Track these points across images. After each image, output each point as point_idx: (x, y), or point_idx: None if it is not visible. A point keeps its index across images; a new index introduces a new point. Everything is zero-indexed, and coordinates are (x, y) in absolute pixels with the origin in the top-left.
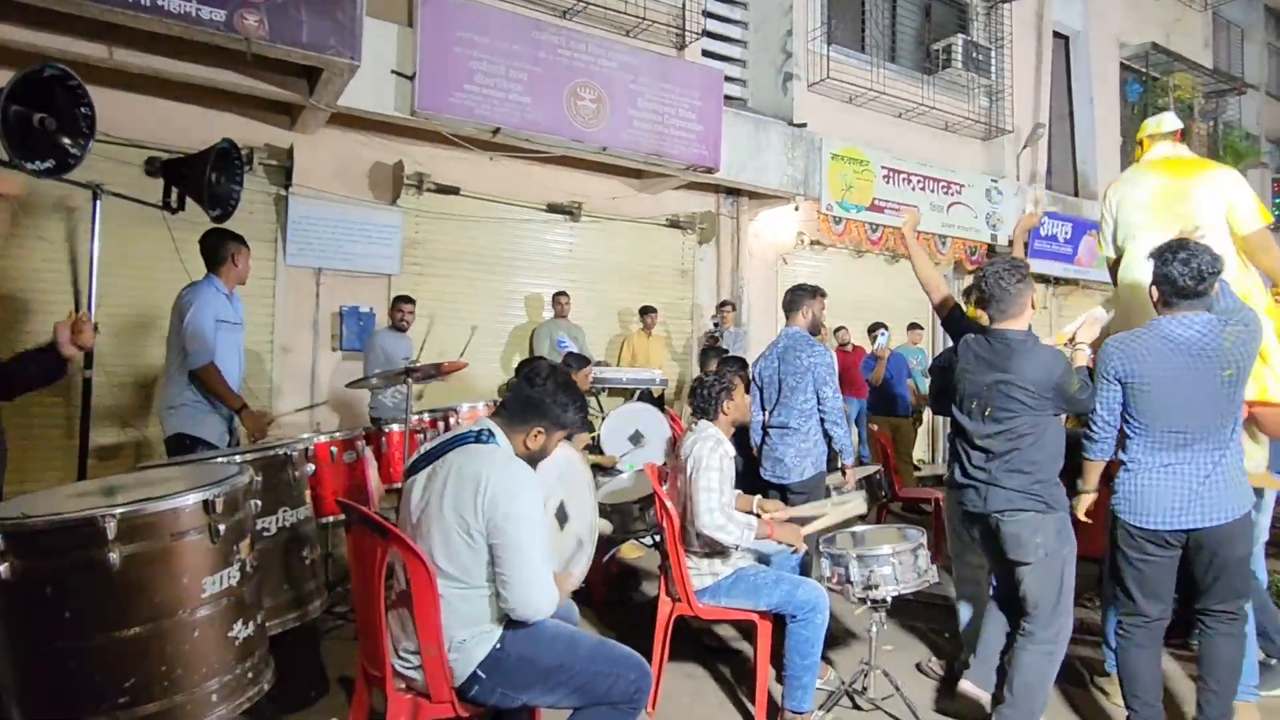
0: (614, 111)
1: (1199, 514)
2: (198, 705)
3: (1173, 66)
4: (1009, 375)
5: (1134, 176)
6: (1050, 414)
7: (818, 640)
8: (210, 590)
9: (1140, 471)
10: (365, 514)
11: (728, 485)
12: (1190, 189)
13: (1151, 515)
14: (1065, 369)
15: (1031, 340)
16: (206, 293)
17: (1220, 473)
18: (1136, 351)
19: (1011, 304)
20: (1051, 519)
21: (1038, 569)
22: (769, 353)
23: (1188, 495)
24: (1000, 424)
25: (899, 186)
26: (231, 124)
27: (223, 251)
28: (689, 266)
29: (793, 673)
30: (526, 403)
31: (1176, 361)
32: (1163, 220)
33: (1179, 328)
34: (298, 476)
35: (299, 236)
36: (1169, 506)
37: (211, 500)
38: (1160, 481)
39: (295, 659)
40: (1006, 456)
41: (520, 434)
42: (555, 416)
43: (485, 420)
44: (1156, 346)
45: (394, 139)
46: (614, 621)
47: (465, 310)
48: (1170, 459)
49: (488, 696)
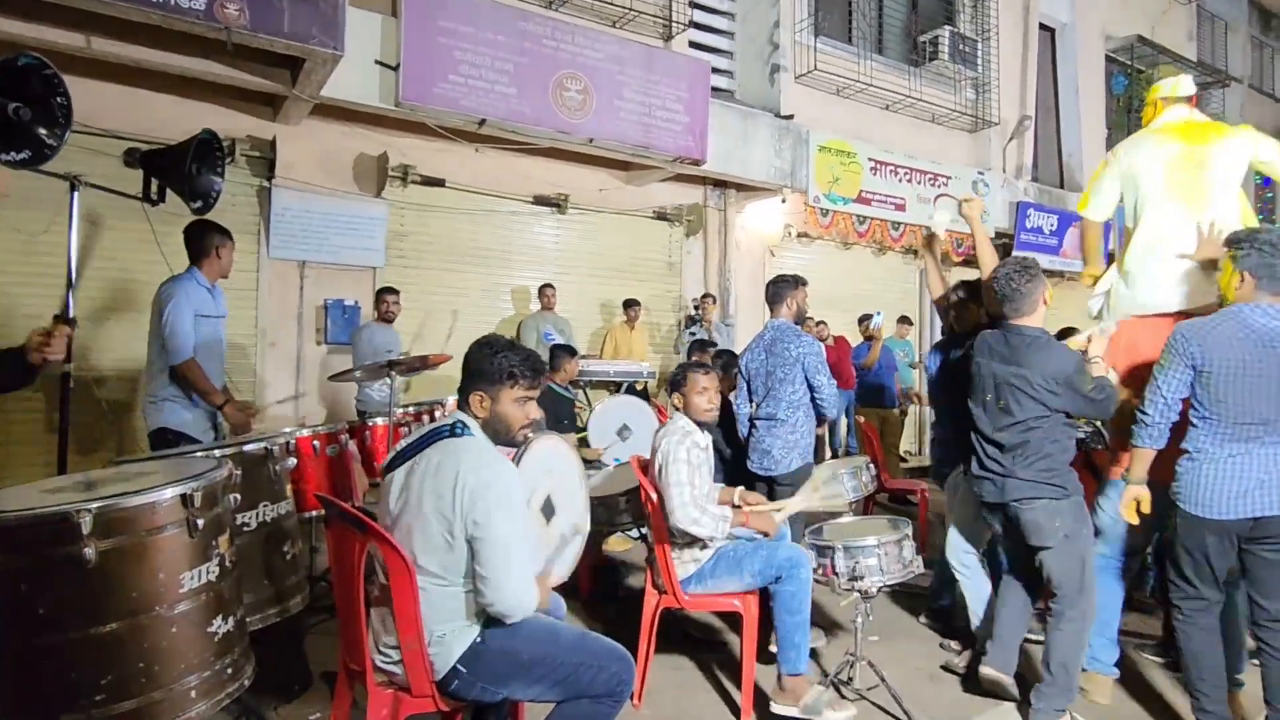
0: (600, 103)
1: (1264, 503)
2: (176, 702)
3: (1157, 59)
4: (1022, 369)
5: (1149, 141)
6: (1059, 410)
7: (805, 595)
8: (188, 585)
9: (1205, 461)
10: (344, 509)
11: (699, 476)
12: (1209, 156)
13: (1216, 506)
14: (1078, 366)
15: (1045, 336)
16: (186, 287)
17: None
18: (1216, 338)
19: (1024, 302)
20: (1067, 503)
21: (1059, 552)
22: (755, 345)
23: (1253, 483)
24: (1013, 416)
25: (886, 179)
26: (213, 115)
27: (206, 244)
28: (676, 259)
29: (784, 632)
30: (463, 377)
31: (1255, 351)
32: (1180, 189)
33: (1263, 317)
34: (279, 471)
35: (282, 229)
36: (1233, 494)
37: (189, 495)
38: (1226, 471)
39: (279, 654)
40: (1020, 448)
41: (471, 409)
42: (485, 372)
43: (456, 412)
44: (1238, 334)
45: (378, 130)
46: (601, 614)
47: (451, 303)
48: (1237, 450)
49: (469, 690)
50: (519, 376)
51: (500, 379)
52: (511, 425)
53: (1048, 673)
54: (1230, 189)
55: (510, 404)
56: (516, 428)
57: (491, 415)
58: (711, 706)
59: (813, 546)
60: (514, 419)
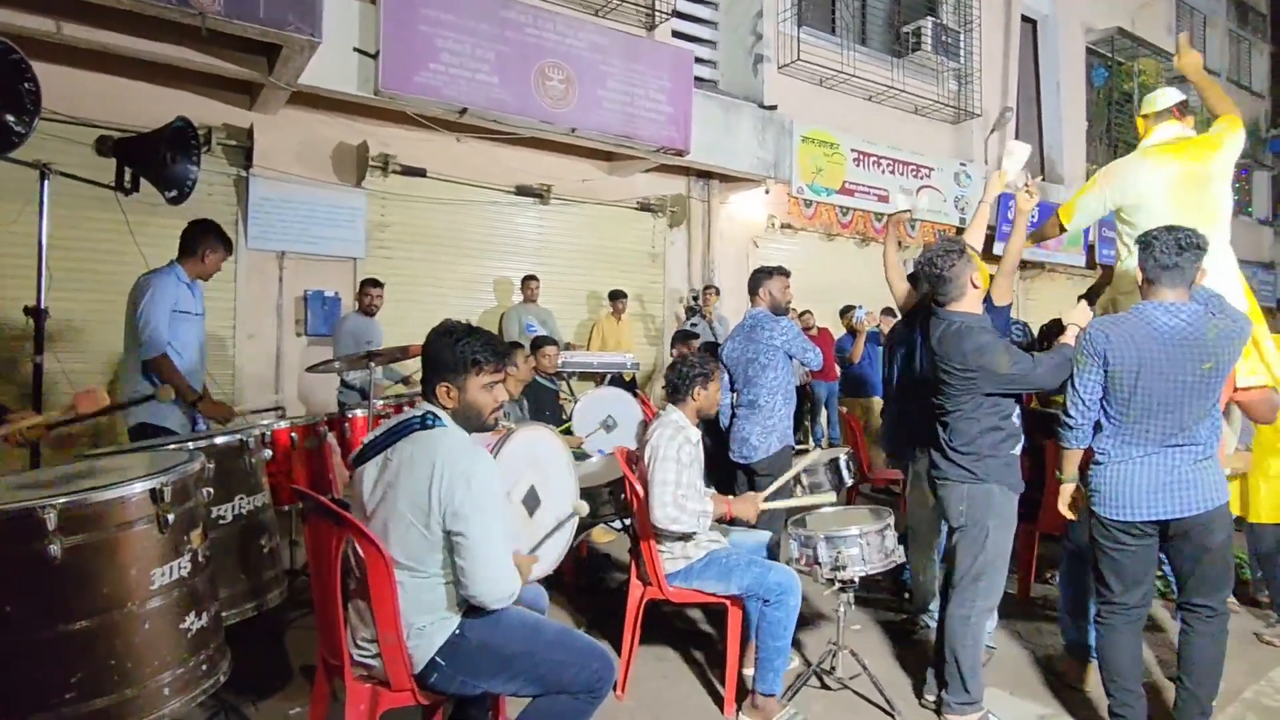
0: (583, 92)
1: (1173, 504)
2: (149, 699)
3: (1137, 52)
4: (939, 355)
5: (1145, 164)
6: (980, 394)
7: (790, 623)
8: (160, 581)
9: (1112, 464)
10: (321, 502)
11: (687, 474)
12: (1209, 174)
13: (1125, 507)
14: (989, 349)
15: (964, 323)
16: (164, 281)
17: (1195, 465)
18: (1120, 335)
19: (950, 286)
20: (979, 489)
21: (961, 536)
22: (736, 334)
23: (1160, 485)
24: (940, 400)
25: (869, 170)
26: (188, 103)
27: (196, 245)
28: (660, 250)
29: (764, 655)
30: (424, 369)
31: (1158, 350)
32: (1188, 209)
33: (1165, 315)
34: (254, 463)
35: (260, 219)
36: (1143, 497)
37: (159, 489)
38: (1134, 473)
39: (258, 649)
40: (946, 428)
41: (438, 399)
42: (448, 362)
43: (423, 404)
44: (1140, 332)
45: (358, 119)
46: (585, 606)
47: (433, 294)
48: (1143, 452)
49: (447, 684)
50: (483, 363)
51: (465, 367)
52: (482, 411)
53: (945, 664)
54: (1227, 204)
55: (478, 391)
56: (488, 413)
57: (460, 404)
58: (695, 697)
59: (795, 537)
60: (484, 405)
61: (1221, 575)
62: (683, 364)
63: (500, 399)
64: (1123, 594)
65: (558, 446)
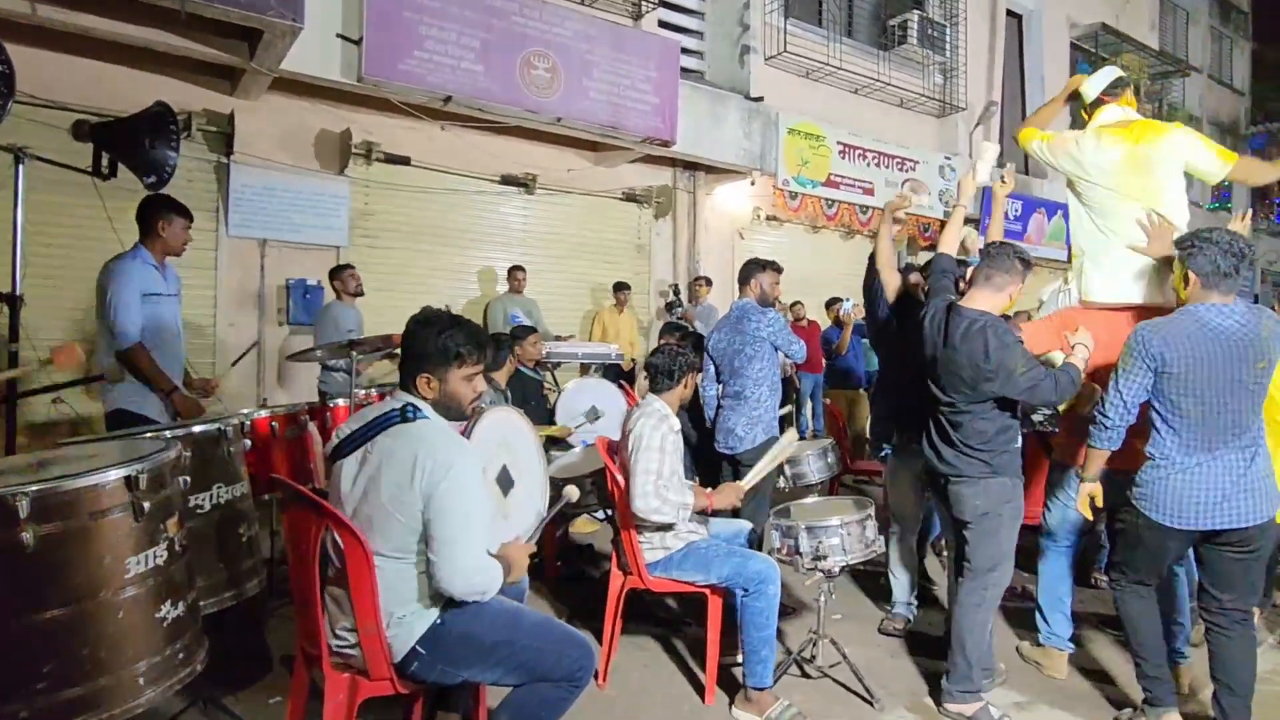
0: (568, 81)
1: (1232, 514)
2: (124, 688)
3: (1121, 48)
4: (956, 354)
5: (1092, 143)
6: (993, 395)
7: (772, 612)
8: (135, 570)
9: (1171, 470)
10: (301, 491)
11: (669, 464)
12: (1152, 156)
13: (1183, 516)
14: (1013, 354)
15: (986, 320)
16: (129, 267)
17: (1254, 470)
18: (1176, 337)
19: (988, 285)
20: (994, 482)
21: (974, 529)
22: (722, 325)
23: (1221, 495)
24: (950, 396)
25: (854, 163)
26: (167, 87)
27: (150, 221)
28: (645, 241)
29: (751, 647)
30: (404, 358)
31: (1214, 351)
32: (1133, 189)
33: (1218, 316)
34: (233, 452)
35: (242, 206)
36: (1201, 506)
37: (134, 477)
38: (1193, 480)
39: (239, 639)
40: (956, 425)
41: (418, 390)
42: (431, 353)
43: (403, 395)
44: (1195, 333)
45: (341, 106)
46: (567, 596)
47: (417, 283)
48: (1202, 457)
49: (428, 673)
50: (465, 355)
51: (447, 359)
52: (462, 402)
53: (954, 653)
54: (1176, 183)
55: (459, 383)
56: (467, 404)
57: (440, 395)
58: (676, 686)
59: (777, 527)
60: (464, 396)
61: (1260, 579)
62: (673, 351)
63: (479, 389)
64: (1148, 576)
65: (525, 428)
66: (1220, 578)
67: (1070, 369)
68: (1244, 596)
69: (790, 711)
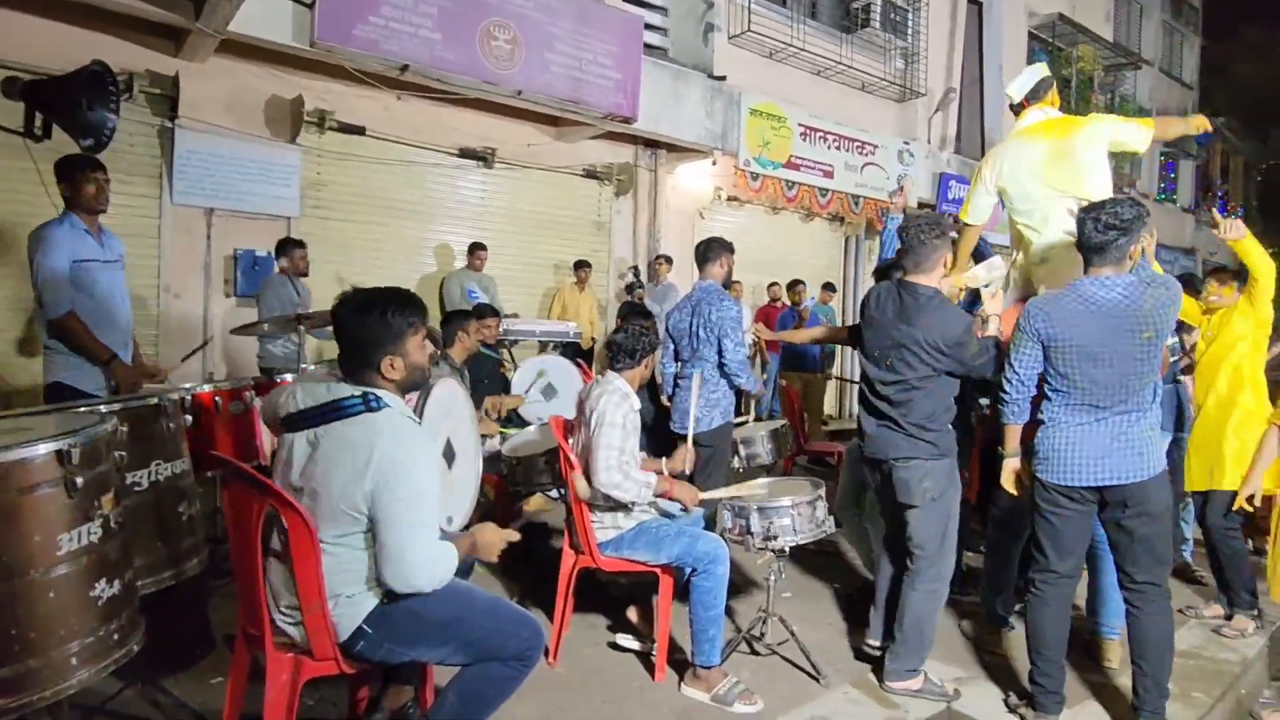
0: (529, 54)
1: (1113, 470)
2: (55, 669)
3: (1077, 38)
4: (912, 329)
5: (1014, 148)
6: (944, 371)
7: (720, 591)
8: (67, 548)
9: (1058, 429)
10: (241, 469)
11: (630, 442)
12: (1073, 147)
13: (1067, 471)
14: (966, 330)
15: (939, 297)
16: (56, 233)
17: (1136, 432)
18: (1059, 313)
19: (925, 259)
20: (940, 465)
21: (924, 513)
22: (683, 305)
23: (1101, 451)
24: (897, 374)
25: (815, 145)
26: (107, 46)
27: (65, 182)
28: (605, 218)
29: (699, 626)
30: (353, 348)
31: (1097, 323)
32: (1058, 182)
33: (1100, 289)
34: (173, 427)
35: (187, 173)
36: (1084, 462)
37: (66, 451)
38: (1076, 438)
39: (180, 618)
40: (902, 405)
41: (378, 375)
42: (384, 336)
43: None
44: (1078, 308)
45: (293, 72)
46: (520, 575)
47: (371, 257)
48: (1087, 418)
49: (374, 652)
50: (417, 321)
51: (402, 334)
52: (424, 368)
53: (899, 631)
54: (1101, 171)
55: (417, 351)
56: (427, 366)
57: (407, 371)
58: (627, 664)
59: (729, 507)
60: (424, 362)
61: (1163, 551)
62: (637, 331)
63: (430, 347)
64: (1056, 562)
65: (463, 398)
66: (1123, 551)
67: (989, 338)
68: (1149, 569)
69: (738, 689)
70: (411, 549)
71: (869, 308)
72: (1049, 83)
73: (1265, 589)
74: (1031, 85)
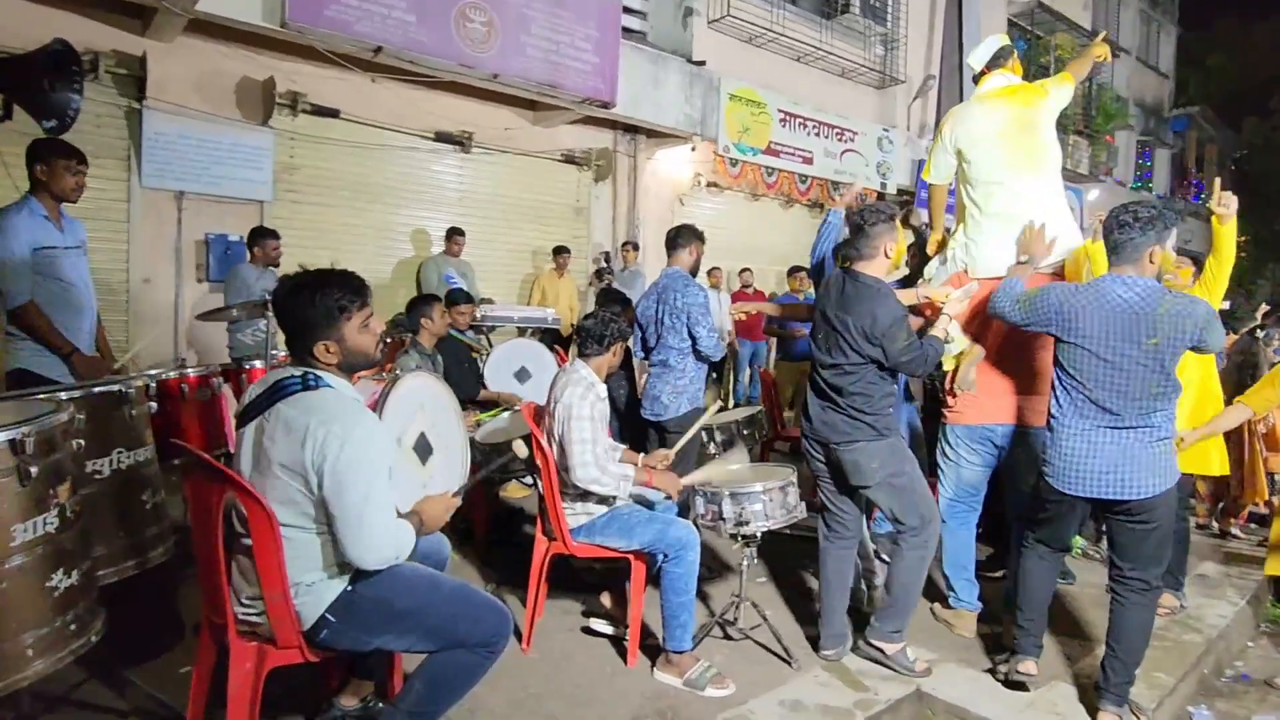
0: (505, 36)
1: (1121, 484)
2: (10, 660)
3: (1055, 26)
4: (848, 315)
5: (976, 110)
6: (871, 360)
7: (691, 578)
8: (21, 538)
9: (1067, 436)
10: (201, 457)
11: (601, 432)
12: (1037, 122)
13: (1075, 482)
14: (895, 322)
15: (877, 287)
16: (14, 219)
17: (1148, 450)
18: (1077, 305)
19: (866, 245)
20: (884, 444)
21: (884, 489)
22: (650, 293)
23: (1110, 465)
24: (834, 359)
25: (795, 131)
26: (71, 24)
27: (32, 169)
28: (584, 204)
29: (670, 612)
30: (291, 335)
31: (1106, 321)
32: (1017, 156)
33: (1120, 287)
34: (135, 415)
35: (156, 155)
36: (1092, 474)
37: (19, 440)
38: (1085, 450)
39: (147, 608)
40: (840, 390)
41: (318, 359)
42: (315, 320)
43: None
44: (1092, 301)
45: (264, 53)
46: (495, 561)
47: (345, 243)
48: (1093, 425)
49: (338, 640)
50: (349, 306)
51: (334, 318)
52: (368, 351)
53: (888, 595)
54: (1056, 151)
55: (356, 334)
56: (374, 349)
57: (344, 354)
58: (600, 649)
59: (701, 492)
60: (366, 345)
61: (1160, 551)
62: (606, 317)
63: (379, 329)
64: (1049, 539)
65: (443, 392)
66: (1120, 548)
67: (932, 341)
68: (1143, 567)
69: (710, 673)
70: (368, 522)
71: (820, 293)
72: (1009, 50)
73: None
74: (991, 54)
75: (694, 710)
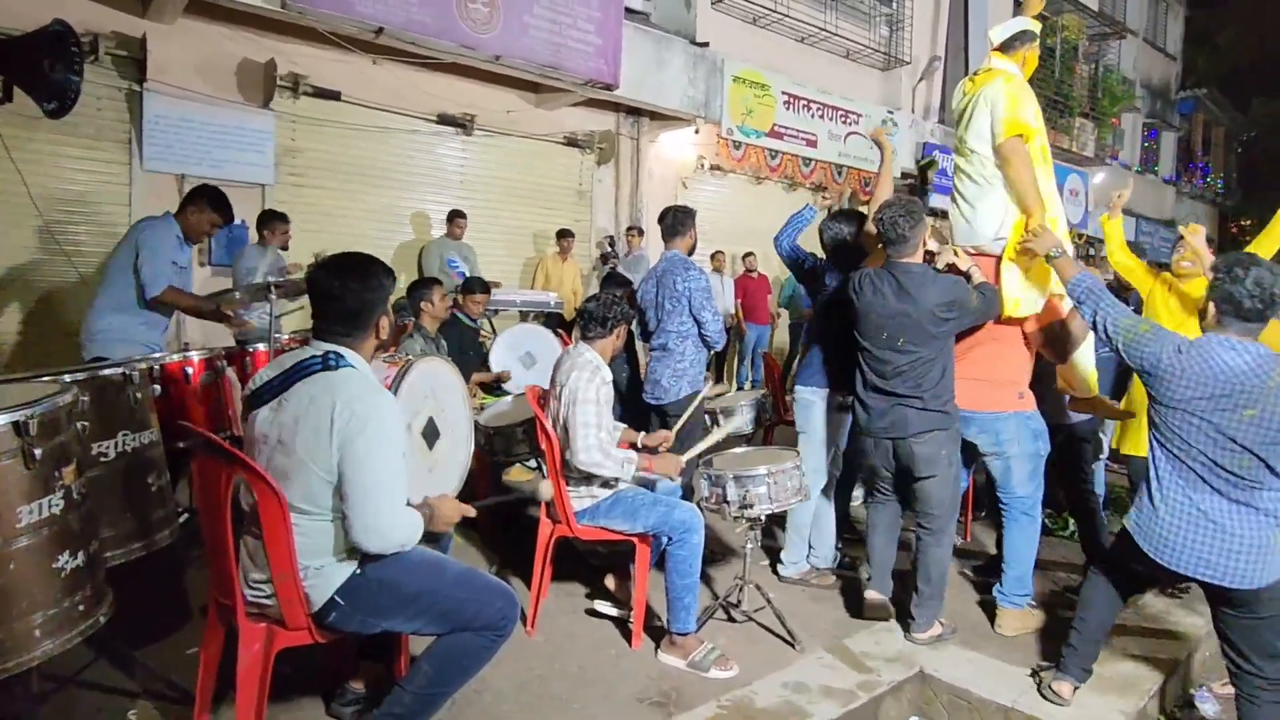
0: (508, 18)
1: (1221, 572)
2: (18, 641)
3: (1062, 6)
4: (918, 304)
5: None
6: (953, 334)
7: (695, 560)
8: (27, 520)
9: (1166, 507)
10: (209, 438)
11: (606, 416)
12: (971, 109)
13: (1164, 550)
14: (958, 285)
15: (927, 270)
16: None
17: (1250, 530)
18: (1179, 365)
19: (907, 246)
20: (948, 435)
21: (941, 479)
22: (649, 277)
23: (1203, 540)
24: (907, 353)
25: (799, 113)
26: (71, 5)
27: (192, 199)
28: (587, 187)
29: (674, 594)
30: (361, 308)
31: (1207, 383)
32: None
33: (1228, 352)
34: (140, 398)
35: (157, 138)
36: (1183, 547)
37: (24, 422)
38: (1187, 525)
39: (156, 589)
40: (914, 383)
41: (365, 339)
42: (381, 299)
43: (320, 344)
44: (1196, 361)
45: (265, 34)
46: (500, 545)
47: (347, 225)
48: (1197, 497)
49: (347, 623)
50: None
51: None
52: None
53: (926, 585)
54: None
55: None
56: None
57: (388, 328)
58: (604, 631)
59: (705, 476)
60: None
61: (1270, 639)
62: (609, 300)
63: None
64: (1120, 582)
65: (454, 380)
66: (1225, 637)
67: (984, 287)
68: (1259, 658)
69: (714, 654)
70: (381, 504)
71: (864, 295)
72: (1027, 38)
73: None
74: (1008, 35)
75: (698, 691)
